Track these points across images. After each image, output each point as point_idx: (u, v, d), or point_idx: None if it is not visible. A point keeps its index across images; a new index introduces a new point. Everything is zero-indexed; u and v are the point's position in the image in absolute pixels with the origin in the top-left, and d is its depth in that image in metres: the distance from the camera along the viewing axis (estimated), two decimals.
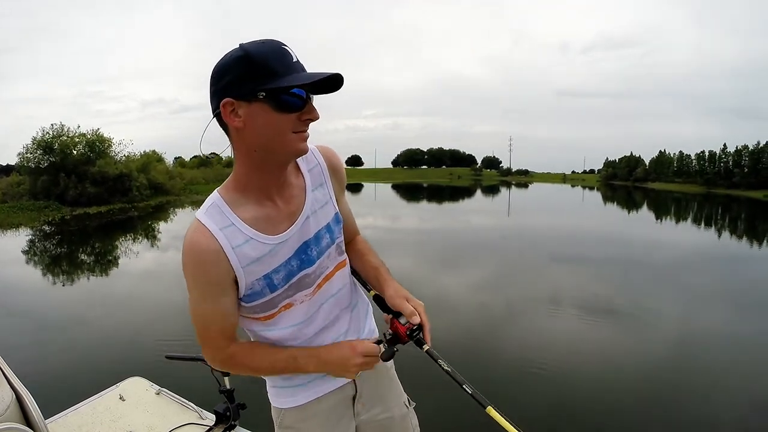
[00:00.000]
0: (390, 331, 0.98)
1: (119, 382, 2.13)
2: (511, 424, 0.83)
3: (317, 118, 0.85)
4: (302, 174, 0.98)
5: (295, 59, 0.82)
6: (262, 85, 0.78)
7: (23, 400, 1.28)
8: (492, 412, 0.88)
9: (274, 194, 0.92)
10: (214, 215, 0.88)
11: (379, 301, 1.06)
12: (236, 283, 0.90)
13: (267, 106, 0.80)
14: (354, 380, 1.09)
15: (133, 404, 1.97)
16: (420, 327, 0.96)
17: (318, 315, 1.00)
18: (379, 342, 0.99)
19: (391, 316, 1.00)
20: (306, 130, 0.86)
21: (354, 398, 1.11)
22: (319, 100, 0.88)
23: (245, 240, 0.88)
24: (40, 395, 1.33)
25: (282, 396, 1.06)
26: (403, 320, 0.97)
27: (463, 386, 0.92)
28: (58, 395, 2.49)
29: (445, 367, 0.95)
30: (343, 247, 1.07)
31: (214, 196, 0.90)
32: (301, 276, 0.96)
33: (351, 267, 1.11)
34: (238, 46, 0.82)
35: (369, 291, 1.11)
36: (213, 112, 0.84)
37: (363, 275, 1.12)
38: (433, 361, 0.95)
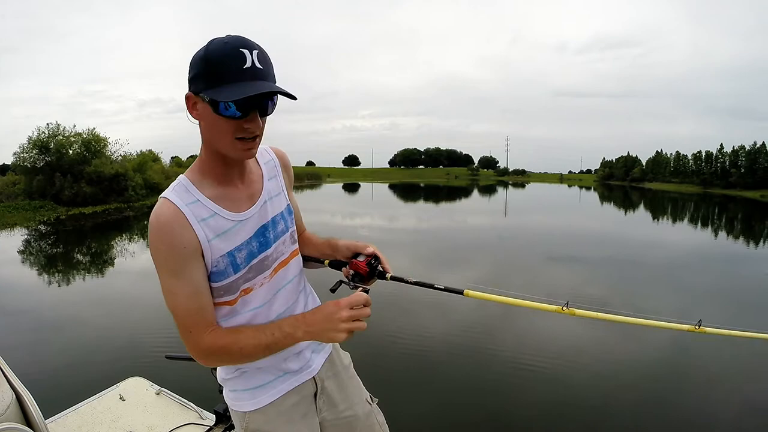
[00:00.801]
0: (351, 271, 1.05)
1: (119, 382, 2.14)
2: (492, 294, 0.93)
3: (254, 132, 0.87)
4: (259, 165, 1.07)
5: (248, 64, 0.81)
6: (206, 89, 0.83)
7: (23, 400, 1.28)
8: (470, 293, 0.99)
9: (234, 178, 0.98)
10: (179, 192, 0.92)
11: (336, 264, 1.13)
12: (203, 258, 0.92)
13: (210, 109, 0.85)
14: (314, 378, 1.12)
15: (133, 404, 1.97)
16: (377, 259, 1.05)
17: (276, 299, 1.05)
18: (339, 283, 1.05)
19: (348, 266, 1.07)
20: (249, 138, 0.88)
21: (315, 395, 1.13)
22: (317, 101, 0.90)
23: (210, 215, 0.92)
24: (40, 395, 1.33)
25: (242, 399, 1.07)
26: (361, 258, 1.05)
27: (435, 286, 1.03)
28: (58, 395, 2.48)
29: (412, 280, 1.05)
30: (296, 237, 1.13)
31: (180, 178, 0.95)
32: (261, 258, 1.00)
33: (304, 256, 1.17)
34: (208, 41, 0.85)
35: (324, 263, 1.16)
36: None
37: (317, 254, 1.18)
38: (401, 281, 1.05)
